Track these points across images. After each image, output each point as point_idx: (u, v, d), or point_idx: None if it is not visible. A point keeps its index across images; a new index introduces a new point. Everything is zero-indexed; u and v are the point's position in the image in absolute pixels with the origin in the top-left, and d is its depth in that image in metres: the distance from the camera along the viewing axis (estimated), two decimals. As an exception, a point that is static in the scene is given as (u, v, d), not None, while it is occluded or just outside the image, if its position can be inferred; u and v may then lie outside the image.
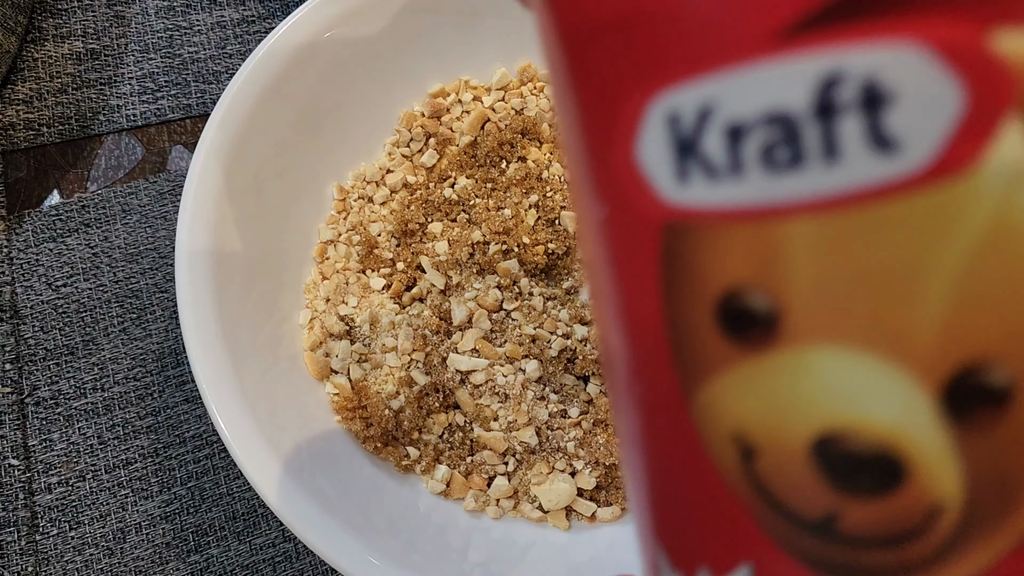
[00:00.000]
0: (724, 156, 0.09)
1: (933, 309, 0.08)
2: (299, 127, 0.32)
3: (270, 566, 0.31)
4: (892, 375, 0.08)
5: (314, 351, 0.31)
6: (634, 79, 0.09)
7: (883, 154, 0.08)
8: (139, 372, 0.34)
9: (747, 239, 0.09)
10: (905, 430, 0.09)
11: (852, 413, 0.09)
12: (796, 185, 0.08)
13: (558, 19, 0.10)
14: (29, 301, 0.34)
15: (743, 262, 0.09)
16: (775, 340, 0.09)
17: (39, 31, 0.39)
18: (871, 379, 0.09)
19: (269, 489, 0.25)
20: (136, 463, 0.32)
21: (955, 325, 0.08)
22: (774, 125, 0.08)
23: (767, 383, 0.09)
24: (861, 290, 0.08)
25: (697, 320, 0.09)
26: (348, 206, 0.34)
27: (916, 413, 0.08)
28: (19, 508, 0.31)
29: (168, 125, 0.38)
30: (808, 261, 0.08)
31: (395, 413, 0.29)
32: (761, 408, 0.09)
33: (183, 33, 0.39)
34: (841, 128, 0.08)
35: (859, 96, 0.08)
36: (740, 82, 0.08)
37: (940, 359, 0.08)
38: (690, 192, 0.09)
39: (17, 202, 0.36)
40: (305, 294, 0.32)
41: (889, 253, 0.08)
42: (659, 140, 0.09)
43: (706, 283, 0.09)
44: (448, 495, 0.30)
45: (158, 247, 0.36)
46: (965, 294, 0.08)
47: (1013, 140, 0.08)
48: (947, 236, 0.08)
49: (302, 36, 0.31)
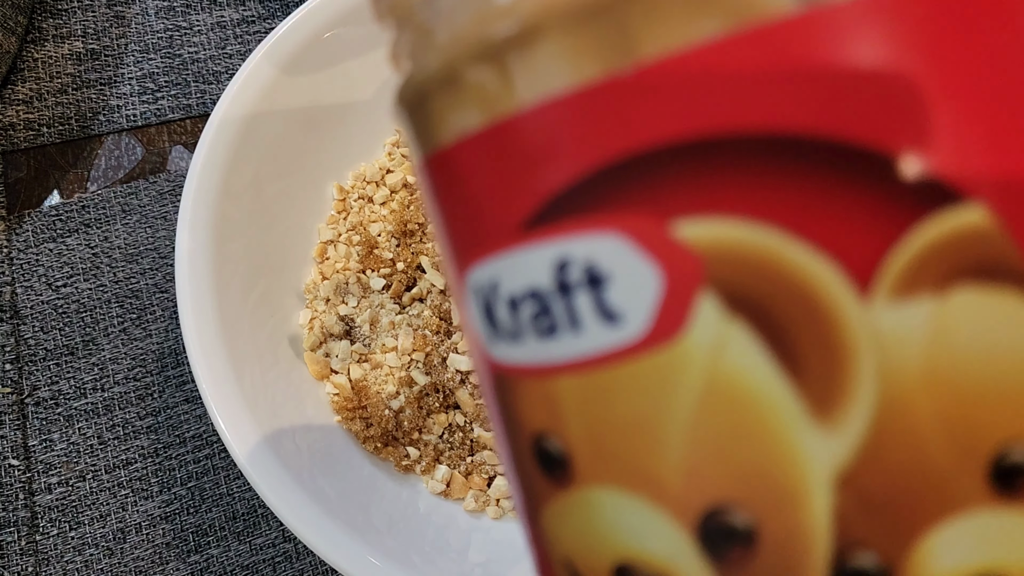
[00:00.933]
0: (509, 322, 0.10)
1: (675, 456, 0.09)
2: (299, 127, 0.32)
3: (270, 566, 0.31)
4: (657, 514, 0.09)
5: (314, 351, 0.31)
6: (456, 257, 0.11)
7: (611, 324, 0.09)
8: (139, 372, 0.34)
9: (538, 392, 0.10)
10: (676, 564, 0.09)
11: (636, 548, 0.10)
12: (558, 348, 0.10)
13: None
14: (29, 301, 0.34)
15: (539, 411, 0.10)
16: (570, 480, 0.10)
17: (39, 31, 0.39)
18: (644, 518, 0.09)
19: (269, 489, 0.25)
20: (136, 463, 0.32)
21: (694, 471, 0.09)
22: (534, 299, 0.10)
23: (573, 517, 0.10)
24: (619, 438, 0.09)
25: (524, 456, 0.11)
26: (348, 206, 0.34)
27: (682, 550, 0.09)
28: (19, 508, 0.31)
29: (168, 125, 0.38)
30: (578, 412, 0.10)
31: (395, 413, 0.30)
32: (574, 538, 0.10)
33: (183, 33, 0.39)
34: (577, 302, 0.09)
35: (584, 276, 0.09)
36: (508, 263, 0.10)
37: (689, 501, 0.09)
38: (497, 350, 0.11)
39: (17, 202, 0.36)
40: (305, 294, 0.32)
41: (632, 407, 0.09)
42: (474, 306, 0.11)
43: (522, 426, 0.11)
44: (448, 495, 0.30)
45: (158, 247, 0.36)
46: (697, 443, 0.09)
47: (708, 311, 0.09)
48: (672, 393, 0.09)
49: (302, 36, 0.31)
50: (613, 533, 0.10)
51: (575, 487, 0.10)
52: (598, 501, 0.10)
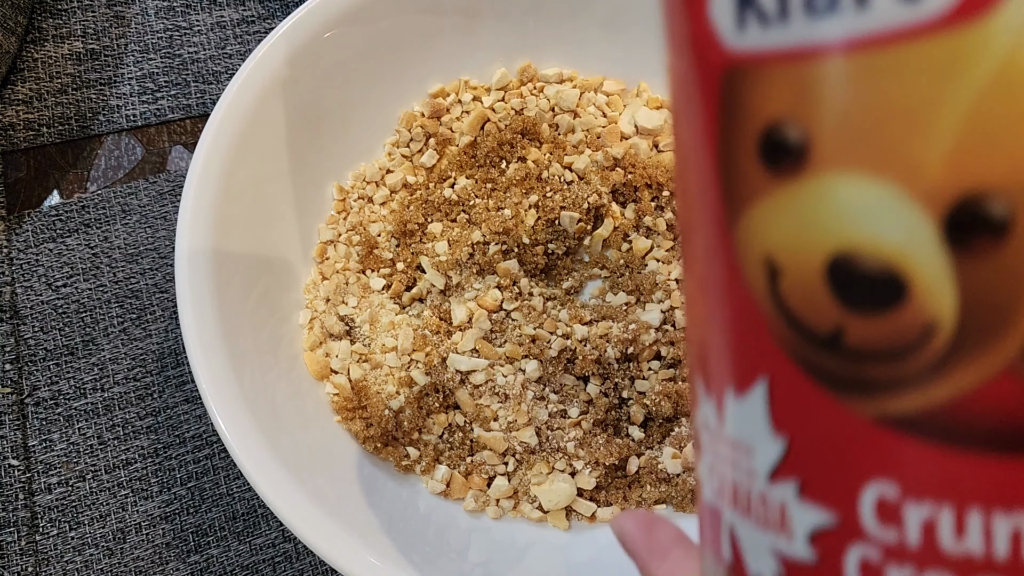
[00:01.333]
0: (774, 4, 0.10)
1: (942, 141, 0.09)
2: (299, 127, 0.32)
3: (270, 566, 0.31)
4: (902, 201, 0.09)
5: (314, 351, 0.31)
6: None
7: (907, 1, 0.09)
8: (139, 372, 0.34)
9: (788, 78, 0.10)
10: (909, 252, 0.09)
11: (863, 235, 0.10)
12: (832, 28, 0.10)
13: None
14: (29, 301, 0.34)
15: (783, 98, 0.10)
16: (804, 168, 0.10)
17: (39, 31, 0.39)
18: (883, 204, 0.10)
19: (269, 489, 0.25)
20: (136, 463, 0.32)
21: (961, 157, 0.09)
22: None
23: (793, 208, 0.10)
24: (880, 123, 0.09)
25: (743, 153, 0.11)
26: (348, 206, 0.34)
27: (920, 237, 0.09)
28: (19, 508, 0.31)
29: (168, 125, 0.38)
30: (836, 96, 0.10)
31: (395, 413, 0.30)
32: (787, 231, 0.10)
33: (183, 33, 0.39)
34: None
35: None
36: None
37: (945, 188, 0.09)
38: (746, 38, 0.10)
39: (17, 202, 0.36)
40: (305, 294, 0.32)
41: (907, 90, 0.09)
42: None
43: (751, 119, 0.11)
44: (448, 495, 0.30)
45: (158, 247, 0.36)
46: (972, 129, 0.09)
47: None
48: (961, 76, 0.09)
49: (302, 36, 0.31)
50: (843, 220, 0.10)
51: (807, 175, 0.10)
52: (832, 188, 0.10)
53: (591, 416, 0.30)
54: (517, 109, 0.35)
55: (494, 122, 0.35)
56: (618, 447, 0.29)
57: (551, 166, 0.33)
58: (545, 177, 0.33)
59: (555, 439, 0.30)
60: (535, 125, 0.34)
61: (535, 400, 0.30)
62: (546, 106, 0.35)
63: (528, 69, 0.36)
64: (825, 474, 0.11)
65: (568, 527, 0.29)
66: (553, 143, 0.34)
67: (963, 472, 0.10)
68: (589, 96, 0.35)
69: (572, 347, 0.30)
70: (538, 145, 0.34)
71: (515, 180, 0.33)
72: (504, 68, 0.36)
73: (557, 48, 0.36)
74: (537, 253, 0.32)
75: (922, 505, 0.10)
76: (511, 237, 0.32)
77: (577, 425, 0.30)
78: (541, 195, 0.32)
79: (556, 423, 0.30)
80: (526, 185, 0.33)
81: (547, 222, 0.32)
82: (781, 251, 0.10)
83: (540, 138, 0.34)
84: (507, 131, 0.34)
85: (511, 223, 0.32)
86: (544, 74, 0.36)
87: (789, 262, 0.10)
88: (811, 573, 0.11)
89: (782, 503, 0.11)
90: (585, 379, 0.30)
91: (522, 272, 0.32)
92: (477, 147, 0.34)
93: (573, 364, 0.30)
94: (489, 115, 0.35)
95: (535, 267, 0.32)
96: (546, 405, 0.30)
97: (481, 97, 0.36)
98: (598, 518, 0.29)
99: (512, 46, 0.35)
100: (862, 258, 0.10)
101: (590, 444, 0.29)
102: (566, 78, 0.36)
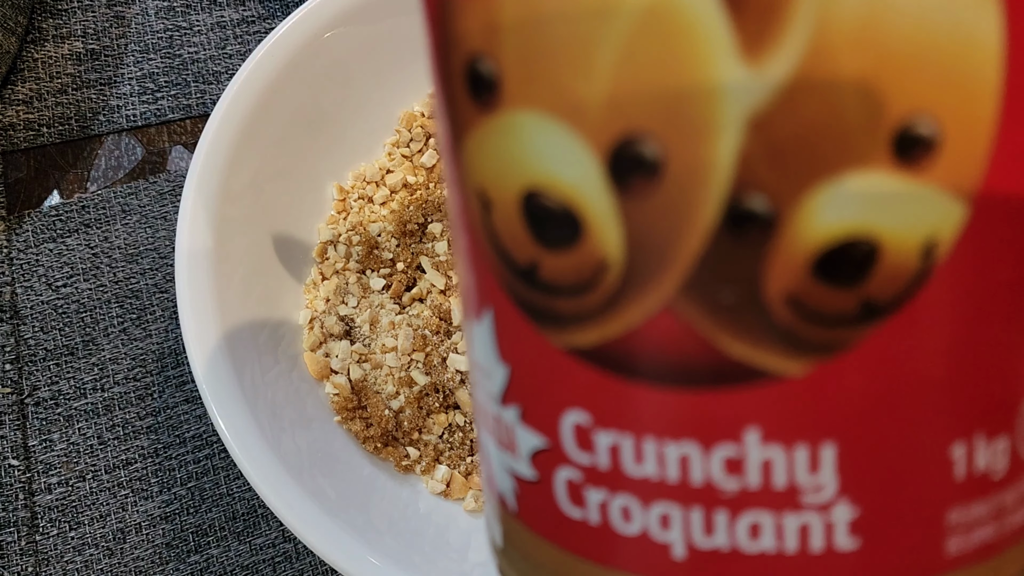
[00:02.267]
0: None
1: (600, 81, 0.09)
2: (299, 127, 0.32)
3: (270, 566, 0.31)
4: (572, 140, 0.10)
5: (314, 351, 0.31)
6: None
7: None
8: (139, 372, 0.34)
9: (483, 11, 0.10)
10: (583, 191, 0.10)
11: (546, 172, 0.10)
12: None
13: None
14: (29, 301, 0.34)
15: (477, 30, 0.10)
16: (497, 104, 0.10)
17: (39, 31, 0.39)
18: (560, 143, 0.10)
19: (269, 489, 0.25)
20: (136, 463, 0.32)
21: (616, 97, 0.09)
22: None
23: (493, 142, 0.11)
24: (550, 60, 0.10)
25: (455, 81, 0.11)
26: (348, 206, 0.34)
27: (590, 176, 0.10)
28: (19, 508, 0.31)
29: (168, 125, 0.38)
30: (515, 32, 0.10)
31: (395, 413, 0.30)
32: (491, 164, 0.11)
33: (183, 33, 0.39)
34: None
35: None
36: None
37: (605, 128, 0.09)
38: None
39: (17, 202, 0.36)
40: (305, 294, 0.32)
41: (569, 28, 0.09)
42: None
43: (458, 48, 0.11)
44: (448, 495, 0.30)
45: (158, 247, 0.36)
46: (624, 69, 0.09)
47: None
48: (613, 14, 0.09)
49: (302, 36, 0.31)
50: (527, 157, 0.10)
51: (500, 111, 0.10)
52: (519, 125, 0.10)
53: (591, 416, 0.30)
54: (517, 109, 0.35)
55: (494, 122, 0.35)
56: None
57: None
58: (545, 177, 0.33)
59: (555, 439, 0.30)
60: (535, 125, 0.34)
61: (535, 400, 0.30)
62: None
63: (528, 69, 0.36)
64: (537, 401, 0.11)
65: (568, 527, 0.29)
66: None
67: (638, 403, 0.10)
68: (589, 96, 0.35)
69: (572, 347, 0.30)
70: (538, 145, 0.34)
71: (515, 180, 0.33)
72: (504, 68, 0.36)
73: (557, 48, 0.36)
74: (537, 253, 0.32)
75: (607, 432, 0.11)
76: (511, 237, 0.32)
77: (577, 425, 0.30)
78: (541, 195, 0.32)
79: (556, 423, 0.30)
80: (526, 185, 0.33)
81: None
82: (489, 184, 0.11)
83: (540, 138, 0.34)
84: (507, 131, 0.34)
85: (511, 223, 0.32)
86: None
87: (495, 195, 0.11)
88: (534, 489, 0.12)
89: (509, 426, 0.12)
90: (585, 379, 0.30)
91: (522, 272, 0.32)
92: (477, 147, 0.34)
93: (573, 364, 0.30)
94: (489, 115, 0.35)
95: (535, 267, 0.32)
96: (546, 405, 0.30)
97: (481, 97, 0.36)
98: (598, 518, 0.29)
99: (512, 46, 0.35)
100: (546, 195, 0.10)
101: (590, 444, 0.29)
102: (566, 78, 0.36)
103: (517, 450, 0.12)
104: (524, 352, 0.11)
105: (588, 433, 0.11)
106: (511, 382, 0.12)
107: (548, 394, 0.11)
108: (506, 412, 0.12)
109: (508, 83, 0.10)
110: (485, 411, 0.13)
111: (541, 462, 0.11)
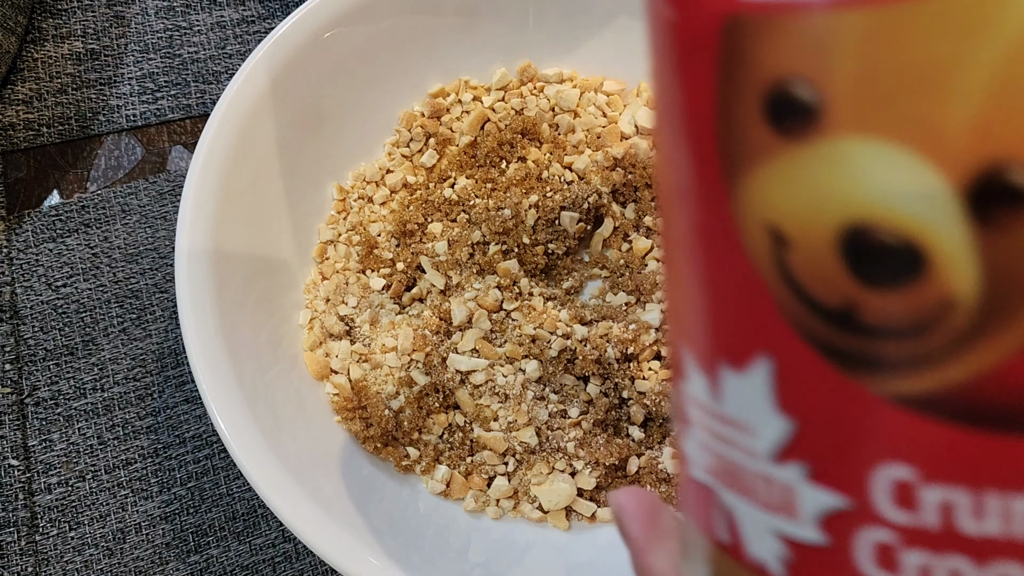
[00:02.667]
0: None
1: (966, 106, 0.08)
2: (299, 127, 0.32)
3: (270, 566, 0.31)
4: (922, 169, 0.09)
5: (314, 351, 0.31)
6: None
7: None
8: (139, 372, 0.34)
9: (800, 30, 0.09)
10: (929, 224, 0.09)
11: (881, 205, 0.09)
12: None
13: None
14: (29, 301, 0.34)
15: (794, 53, 0.09)
16: (815, 131, 0.09)
17: (39, 31, 0.39)
18: (902, 172, 0.09)
19: (269, 489, 0.25)
20: (136, 463, 0.32)
21: (985, 123, 0.08)
22: None
23: (804, 173, 0.09)
24: (900, 83, 0.09)
25: (745, 111, 0.10)
26: (348, 206, 0.34)
27: (941, 208, 0.09)
28: (19, 508, 0.31)
29: (168, 125, 0.38)
30: (854, 53, 0.09)
31: (395, 413, 0.29)
32: (796, 198, 0.10)
33: (183, 33, 0.39)
34: None
35: None
36: None
37: (968, 156, 0.08)
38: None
39: (17, 202, 0.36)
40: (305, 294, 0.32)
41: (930, 47, 0.08)
42: None
43: (757, 74, 0.10)
44: (448, 495, 0.30)
45: (158, 247, 0.36)
46: (998, 93, 0.08)
47: None
48: (986, 33, 0.08)
49: (302, 36, 0.31)
50: (856, 189, 0.09)
51: (819, 138, 0.09)
52: (848, 153, 0.09)
53: (591, 416, 0.30)
54: (517, 109, 0.35)
55: (494, 122, 0.35)
56: (618, 447, 0.29)
57: (551, 166, 0.33)
58: (545, 177, 0.33)
59: (555, 439, 0.30)
60: (535, 125, 0.34)
61: (535, 400, 0.30)
62: (546, 106, 0.35)
63: (528, 69, 0.36)
64: (836, 457, 0.10)
65: (568, 527, 0.29)
66: (553, 143, 0.34)
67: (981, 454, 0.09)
68: (589, 96, 0.35)
69: (572, 347, 0.30)
70: (538, 145, 0.34)
71: (515, 180, 0.33)
72: (504, 68, 0.36)
73: (557, 48, 0.36)
74: (537, 253, 0.32)
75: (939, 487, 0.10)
76: (511, 237, 0.32)
77: (577, 425, 0.30)
78: (541, 195, 0.32)
79: (556, 423, 0.30)
80: (526, 185, 0.33)
81: (547, 222, 0.32)
82: (788, 220, 0.10)
83: (540, 138, 0.34)
84: (507, 131, 0.34)
85: (511, 223, 0.32)
86: (544, 74, 0.36)
87: (798, 232, 0.10)
88: (821, 555, 0.11)
89: (788, 485, 0.11)
90: (585, 379, 0.30)
91: (522, 272, 0.32)
92: (477, 147, 0.34)
93: (573, 364, 0.30)
94: (489, 115, 0.35)
95: (535, 267, 0.32)
96: (546, 405, 0.30)
97: (481, 97, 0.36)
98: (598, 518, 0.29)
99: (512, 46, 0.35)
100: (878, 230, 0.09)
101: (590, 444, 0.29)
102: (566, 78, 0.36)
103: (798, 512, 0.11)
104: (820, 403, 0.10)
105: (912, 489, 0.10)
106: (796, 437, 0.10)
107: (855, 448, 0.10)
108: (783, 471, 0.11)
109: (836, 108, 0.09)
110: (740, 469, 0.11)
111: (836, 524, 0.10)
